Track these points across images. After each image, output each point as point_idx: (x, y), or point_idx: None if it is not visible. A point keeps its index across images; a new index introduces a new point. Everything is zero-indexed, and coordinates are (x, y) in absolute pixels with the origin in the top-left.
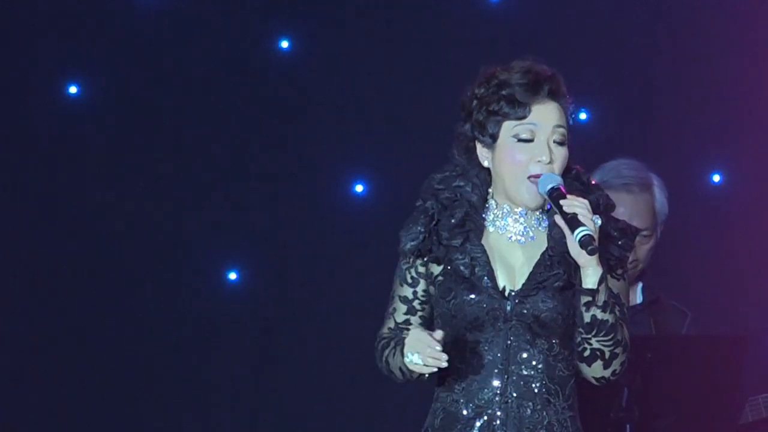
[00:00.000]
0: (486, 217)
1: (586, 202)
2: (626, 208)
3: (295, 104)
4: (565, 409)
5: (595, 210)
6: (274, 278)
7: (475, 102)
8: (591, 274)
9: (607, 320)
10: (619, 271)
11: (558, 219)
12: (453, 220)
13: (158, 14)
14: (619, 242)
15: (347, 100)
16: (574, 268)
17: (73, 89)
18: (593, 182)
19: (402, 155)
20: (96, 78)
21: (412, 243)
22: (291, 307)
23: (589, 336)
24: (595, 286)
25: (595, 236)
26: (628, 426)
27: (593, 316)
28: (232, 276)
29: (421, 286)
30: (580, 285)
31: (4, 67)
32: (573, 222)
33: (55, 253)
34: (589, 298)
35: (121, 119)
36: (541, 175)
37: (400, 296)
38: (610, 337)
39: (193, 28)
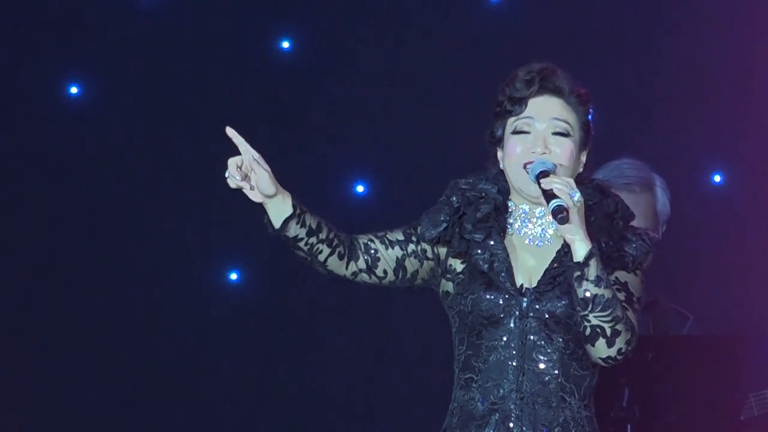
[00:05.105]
0: (508, 219)
1: (569, 180)
2: None
3: (295, 104)
4: (581, 408)
5: (612, 215)
6: (275, 278)
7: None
8: (579, 249)
9: (602, 295)
10: (632, 266)
11: (542, 200)
12: (479, 214)
13: (158, 14)
14: (634, 245)
15: (348, 100)
16: None
17: (73, 89)
18: (614, 192)
19: (402, 155)
20: (96, 78)
21: (433, 231)
22: (291, 308)
23: (586, 312)
24: (582, 260)
25: (573, 209)
26: (628, 426)
27: (586, 291)
28: (233, 276)
29: (417, 248)
30: (571, 260)
31: (4, 67)
32: (548, 197)
33: (55, 253)
34: (579, 272)
35: (121, 119)
36: (534, 162)
37: (398, 229)
38: (607, 312)
39: (193, 28)
